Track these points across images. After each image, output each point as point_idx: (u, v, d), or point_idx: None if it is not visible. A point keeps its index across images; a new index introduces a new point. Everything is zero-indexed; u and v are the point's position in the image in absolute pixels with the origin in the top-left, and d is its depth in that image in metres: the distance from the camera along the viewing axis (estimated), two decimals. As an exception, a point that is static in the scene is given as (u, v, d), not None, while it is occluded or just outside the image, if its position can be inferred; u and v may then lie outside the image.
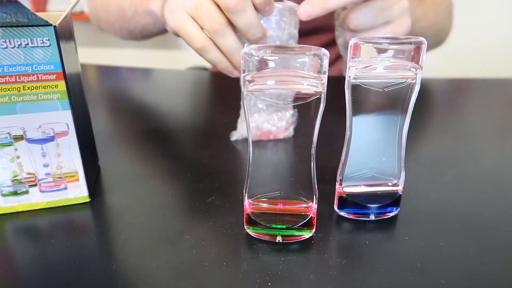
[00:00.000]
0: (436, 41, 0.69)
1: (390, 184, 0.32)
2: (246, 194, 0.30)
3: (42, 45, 0.29)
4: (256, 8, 0.38)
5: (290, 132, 0.44)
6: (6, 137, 0.31)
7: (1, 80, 0.29)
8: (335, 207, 0.33)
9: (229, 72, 0.42)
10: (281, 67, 0.25)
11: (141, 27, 0.59)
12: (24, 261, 0.28)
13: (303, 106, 0.26)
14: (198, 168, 0.42)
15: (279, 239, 0.30)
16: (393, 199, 0.32)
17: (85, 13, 2.15)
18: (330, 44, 0.74)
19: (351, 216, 0.33)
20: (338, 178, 0.32)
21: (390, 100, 0.30)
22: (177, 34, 0.43)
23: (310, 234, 0.30)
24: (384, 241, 0.30)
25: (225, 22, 0.38)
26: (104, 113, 0.57)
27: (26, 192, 0.33)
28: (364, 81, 0.29)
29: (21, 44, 0.29)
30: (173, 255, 0.28)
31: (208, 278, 0.26)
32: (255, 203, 0.30)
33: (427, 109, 0.60)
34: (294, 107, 0.27)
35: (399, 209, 0.33)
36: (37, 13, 0.28)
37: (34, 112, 0.31)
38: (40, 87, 0.30)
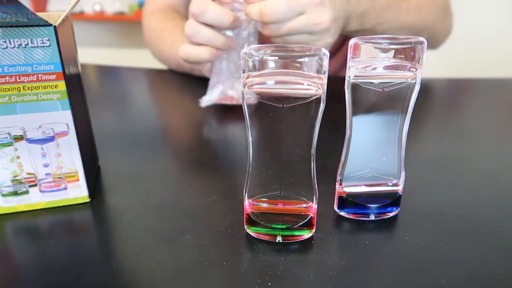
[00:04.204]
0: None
1: (390, 184, 0.32)
2: (246, 194, 0.30)
3: (42, 45, 0.29)
4: None
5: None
6: (6, 137, 0.31)
7: (1, 80, 0.30)
8: (335, 207, 0.33)
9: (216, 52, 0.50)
10: (281, 67, 0.25)
11: (196, 74, 0.70)
12: (24, 261, 0.28)
13: (303, 106, 0.26)
14: (198, 168, 0.42)
15: (279, 239, 0.30)
16: (393, 199, 0.32)
17: (85, 13, 2.16)
18: None
19: (351, 216, 0.33)
20: (338, 178, 0.32)
21: (390, 100, 0.30)
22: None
23: (310, 234, 0.30)
24: (384, 241, 0.30)
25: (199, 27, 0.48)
26: (104, 113, 0.57)
27: (26, 192, 0.33)
28: (364, 81, 0.29)
29: (21, 44, 0.29)
30: (173, 255, 0.28)
31: (208, 278, 0.26)
32: (255, 203, 0.30)
33: (427, 109, 0.60)
34: None
35: (399, 209, 0.33)
36: (37, 13, 0.28)
37: (34, 112, 0.31)
38: (40, 87, 0.30)
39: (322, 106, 0.27)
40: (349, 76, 0.29)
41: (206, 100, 0.54)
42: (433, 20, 0.66)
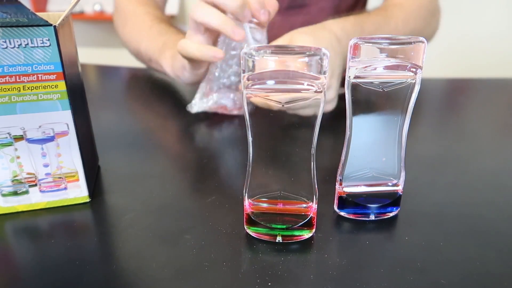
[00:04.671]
0: None
1: (390, 184, 0.32)
2: (246, 194, 0.30)
3: (42, 45, 0.29)
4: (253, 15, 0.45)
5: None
6: (6, 137, 0.31)
7: (1, 80, 0.30)
8: (335, 207, 0.33)
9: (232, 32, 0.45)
10: (281, 67, 0.25)
11: (152, 66, 0.68)
12: (24, 261, 0.28)
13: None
14: (198, 168, 0.42)
15: (279, 239, 0.30)
16: (393, 199, 0.32)
17: (85, 13, 2.15)
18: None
19: (351, 216, 0.33)
20: (338, 178, 0.32)
21: (390, 100, 0.30)
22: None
23: (310, 234, 0.30)
24: (384, 241, 0.30)
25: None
26: (104, 113, 0.57)
27: (26, 192, 0.33)
28: (364, 81, 0.29)
29: (21, 44, 0.29)
30: (173, 255, 0.28)
31: (208, 278, 0.26)
32: (255, 203, 0.30)
33: (427, 109, 0.60)
34: None
35: (399, 209, 0.33)
36: (37, 13, 0.28)
37: (34, 112, 0.31)
38: (40, 87, 0.30)
39: (322, 106, 0.27)
40: (349, 76, 0.29)
41: (199, 106, 0.53)
42: (420, 27, 0.66)
